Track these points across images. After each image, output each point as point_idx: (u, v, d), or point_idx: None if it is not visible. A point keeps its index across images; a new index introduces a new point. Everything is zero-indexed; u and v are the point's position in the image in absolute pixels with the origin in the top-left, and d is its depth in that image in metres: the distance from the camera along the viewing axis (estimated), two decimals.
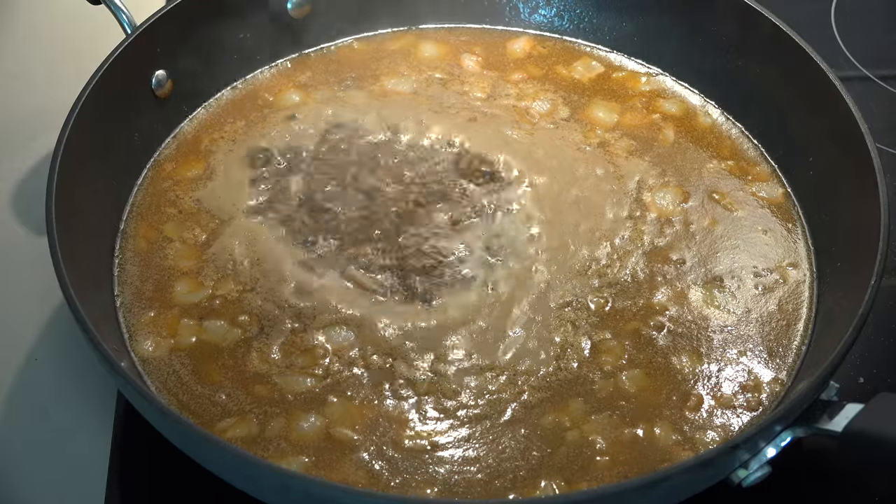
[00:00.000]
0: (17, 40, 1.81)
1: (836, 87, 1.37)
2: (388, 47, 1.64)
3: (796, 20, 1.49)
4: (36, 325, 1.42)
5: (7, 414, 1.35)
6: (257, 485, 1.10)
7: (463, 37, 1.66)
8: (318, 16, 1.62)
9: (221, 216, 1.40)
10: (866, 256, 1.22)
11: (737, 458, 1.10)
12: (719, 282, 1.34)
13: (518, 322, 1.29)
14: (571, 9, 1.64)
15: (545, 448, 1.20)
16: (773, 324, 1.31)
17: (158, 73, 1.48)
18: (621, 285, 1.33)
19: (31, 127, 1.65)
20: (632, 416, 1.22)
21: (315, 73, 1.60)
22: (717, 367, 1.27)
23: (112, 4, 1.47)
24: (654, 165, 1.47)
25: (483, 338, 1.28)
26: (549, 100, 1.56)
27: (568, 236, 1.38)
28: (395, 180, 1.43)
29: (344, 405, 1.23)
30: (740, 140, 1.52)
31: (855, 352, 1.18)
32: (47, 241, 1.21)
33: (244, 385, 1.24)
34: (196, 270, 1.34)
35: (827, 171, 1.40)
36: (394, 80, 1.58)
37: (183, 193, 1.43)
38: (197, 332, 1.29)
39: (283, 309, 1.30)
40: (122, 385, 1.17)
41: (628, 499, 1.05)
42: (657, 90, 1.58)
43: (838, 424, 1.10)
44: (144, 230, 1.39)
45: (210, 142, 1.50)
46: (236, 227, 1.38)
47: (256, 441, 1.20)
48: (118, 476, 1.27)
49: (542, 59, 1.62)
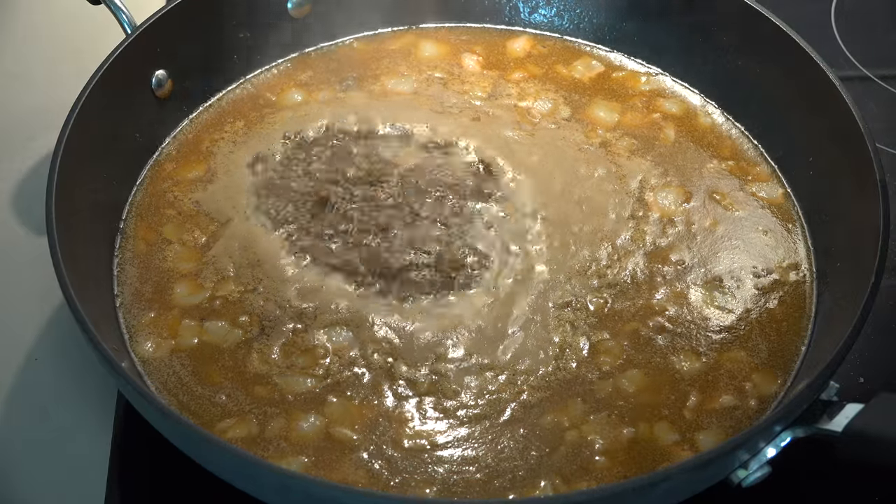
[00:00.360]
0: (17, 40, 1.81)
1: (836, 87, 1.37)
2: (388, 47, 1.64)
3: (796, 20, 1.49)
4: (36, 325, 1.42)
5: (7, 414, 1.35)
6: (257, 485, 1.10)
7: (463, 36, 1.66)
8: (318, 15, 1.62)
9: (220, 218, 1.40)
10: (866, 256, 1.22)
11: (737, 459, 1.10)
12: (719, 282, 1.34)
13: (518, 322, 1.29)
14: (571, 8, 1.64)
15: (544, 448, 1.20)
16: (773, 324, 1.31)
17: (158, 73, 1.48)
18: (621, 286, 1.33)
19: (31, 127, 1.65)
20: (630, 417, 1.22)
21: (315, 72, 1.60)
22: (717, 367, 1.27)
23: (112, 4, 1.47)
24: (655, 165, 1.47)
25: (483, 337, 1.28)
26: (550, 99, 1.56)
27: (569, 236, 1.38)
28: (396, 181, 1.43)
29: (344, 405, 1.23)
30: (740, 140, 1.52)
31: (855, 352, 1.18)
32: (47, 241, 1.21)
33: (244, 386, 1.24)
34: (195, 273, 1.34)
35: (827, 171, 1.40)
36: (394, 80, 1.58)
37: (182, 195, 1.43)
38: (198, 333, 1.29)
39: (285, 309, 1.30)
40: (122, 385, 1.17)
41: (628, 499, 1.05)
42: (657, 90, 1.58)
43: (838, 424, 1.10)
44: (144, 231, 1.39)
45: (211, 142, 1.50)
46: (235, 229, 1.38)
47: (256, 441, 1.20)
48: (118, 476, 1.27)
49: (542, 59, 1.62)
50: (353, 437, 1.20)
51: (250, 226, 1.38)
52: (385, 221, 1.38)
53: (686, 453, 1.19)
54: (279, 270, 1.33)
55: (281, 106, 1.54)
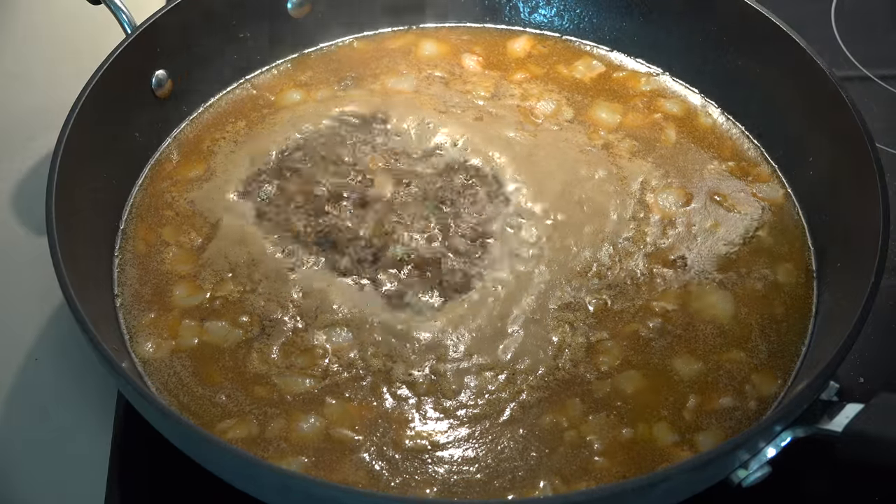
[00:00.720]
0: (17, 40, 1.81)
1: (836, 87, 1.37)
2: (388, 46, 1.64)
3: (796, 20, 1.49)
4: (36, 325, 1.42)
5: (7, 414, 1.35)
6: (258, 485, 1.10)
7: (464, 36, 1.66)
8: (317, 15, 1.62)
9: (212, 218, 1.40)
10: (866, 256, 1.22)
11: (737, 459, 1.10)
12: (719, 283, 1.34)
13: (517, 321, 1.29)
14: (571, 9, 1.64)
15: (543, 448, 1.20)
16: (773, 324, 1.31)
17: (158, 73, 1.48)
18: (621, 286, 1.33)
19: (31, 127, 1.65)
20: (630, 417, 1.22)
21: (315, 72, 1.60)
22: (717, 367, 1.27)
23: (112, 4, 1.47)
24: (657, 167, 1.47)
25: (482, 337, 1.28)
26: (553, 100, 1.55)
27: (570, 237, 1.38)
28: (396, 180, 1.43)
29: (343, 406, 1.23)
30: (741, 140, 1.52)
31: (855, 352, 1.18)
32: (47, 241, 1.21)
33: (244, 386, 1.24)
34: (194, 274, 1.34)
35: (827, 171, 1.40)
36: (394, 79, 1.58)
37: (178, 195, 1.43)
38: (198, 333, 1.29)
39: (286, 309, 1.30)
40: (122, 385, 1.17)
41: (628, 499, 1.05)
42: (658, 90, 1.58)
43: (838, 424, 1.10)
44: (143, 232, 1.39)
45: (211, 142, 1.50)
46: (228, 230, 1.38)
47: (256, 442, 1.20)
48: (118, 476, 1.27)
49: (543, 59, 1.62)
50: (354, 438, 1.20)
51: (246, 226, 1.38)
52: (384, 221, 1.38)
53: (685, 454, 1.19)
54: (277, 270, 1.33)
55: (281, 105, 1.54)
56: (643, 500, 1.06)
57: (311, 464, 1.18)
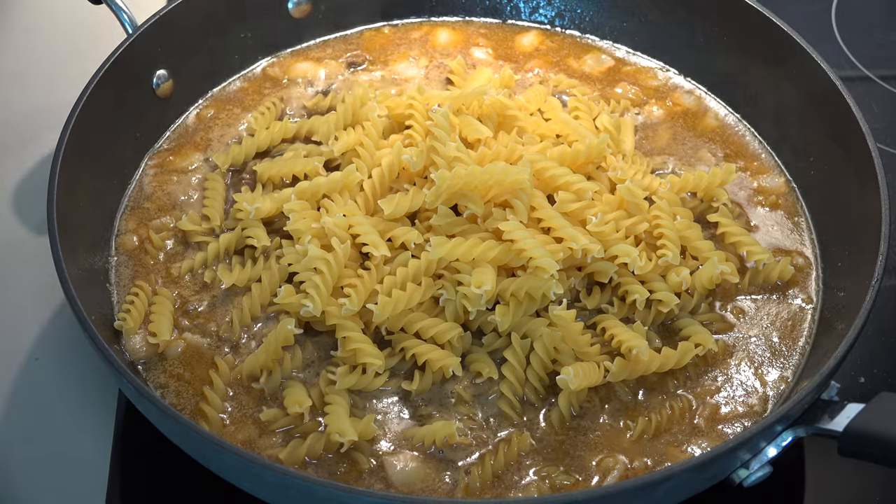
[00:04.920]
0: (17, 40, 1.81)
1: (836, 87, 1.37)
2: (388, 45, 1.63)
3: (796, 20, 1.49)
4: (36, 325, 1.42)
5: (7, 414, 1.34)
6: (259, 484, 1.10)
7: (469, 28, 1.65)
8: (317, 15, 1.62)
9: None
10: (866, 256, 1.23)
11: (738, 458, 1.10)
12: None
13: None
14: (572, 9, 1.64)
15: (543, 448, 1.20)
16: (774, 324, 1.31)
17: (159, 73, 1.48)
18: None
19: (31, 127, 1.65)
20: (631, 416, 1.22)
21: (315, 71, 1.60)
22: (717, 367, 1.27)
23: (113, 4, 1.47)
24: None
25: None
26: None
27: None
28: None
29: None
30: (745, 138, 1.51)
31: (855, 352, 1.18)
32: (48, 240, 1.21)
33: (244, 385, 1.24)
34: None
35: (827, 171, 1.40)
36: (402, 67, 1.58)
37: (176, 195, 1.43)
38: (198, 332, 1.29)
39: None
40: (123, 385, 1.17)
41: (629, 498, 1.05)
42: (663, 86, 1.58)
43: (839, 424, 1.10)
44: (143, 231, 1.38)
45: (211, 141, 1.50)
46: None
47: (257, 441, 1.20)
48: (119, 475, 1.27)
49: (553, 52, 1.62)
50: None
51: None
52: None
53: (686, 454, 1.19)
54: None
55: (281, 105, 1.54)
56: (645, 499, 1.07)
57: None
